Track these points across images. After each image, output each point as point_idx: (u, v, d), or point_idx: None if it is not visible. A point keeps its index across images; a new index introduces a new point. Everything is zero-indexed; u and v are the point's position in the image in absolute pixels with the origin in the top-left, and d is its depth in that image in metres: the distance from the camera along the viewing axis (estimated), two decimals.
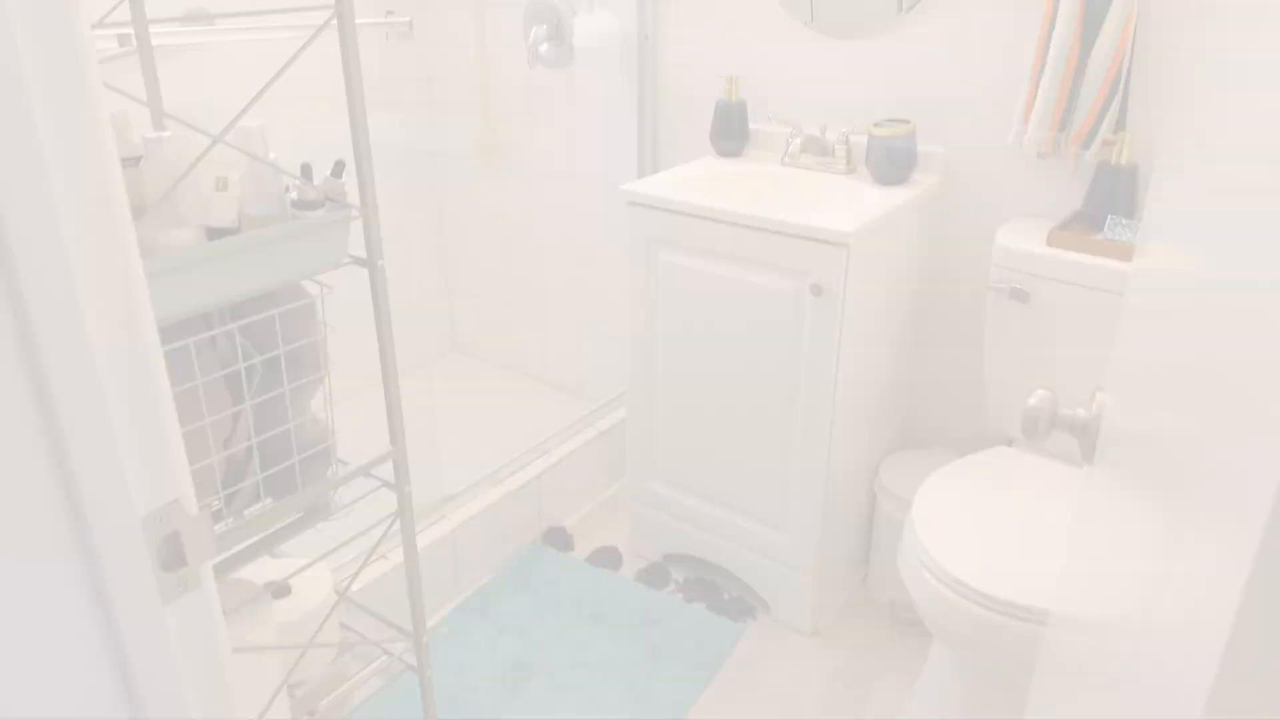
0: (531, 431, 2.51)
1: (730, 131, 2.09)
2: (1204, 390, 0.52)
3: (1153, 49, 1.63)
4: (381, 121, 2.59)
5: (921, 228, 1.89)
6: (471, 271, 2.90)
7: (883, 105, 1.93)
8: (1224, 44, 0.67)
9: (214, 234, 0.98)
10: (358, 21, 1.55)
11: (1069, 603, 0.92)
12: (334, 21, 1.01)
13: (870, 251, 1.69)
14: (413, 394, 2.62)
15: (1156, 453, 0.62)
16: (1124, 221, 1.65)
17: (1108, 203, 1.68)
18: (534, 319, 2.79)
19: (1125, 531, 0.70)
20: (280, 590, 1.28)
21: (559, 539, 2.18)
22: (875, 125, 1.86)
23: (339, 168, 1.06)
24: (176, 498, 0.69)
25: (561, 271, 2.65)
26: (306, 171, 1.03)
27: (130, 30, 1.20)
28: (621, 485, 2.41)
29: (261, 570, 1.28)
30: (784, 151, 2.03)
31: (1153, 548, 0.58)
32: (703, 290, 1.81)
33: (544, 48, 2.41)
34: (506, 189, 2.69)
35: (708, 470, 1.96)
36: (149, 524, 0.67)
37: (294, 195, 1.04)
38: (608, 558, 2.13)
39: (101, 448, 0.62)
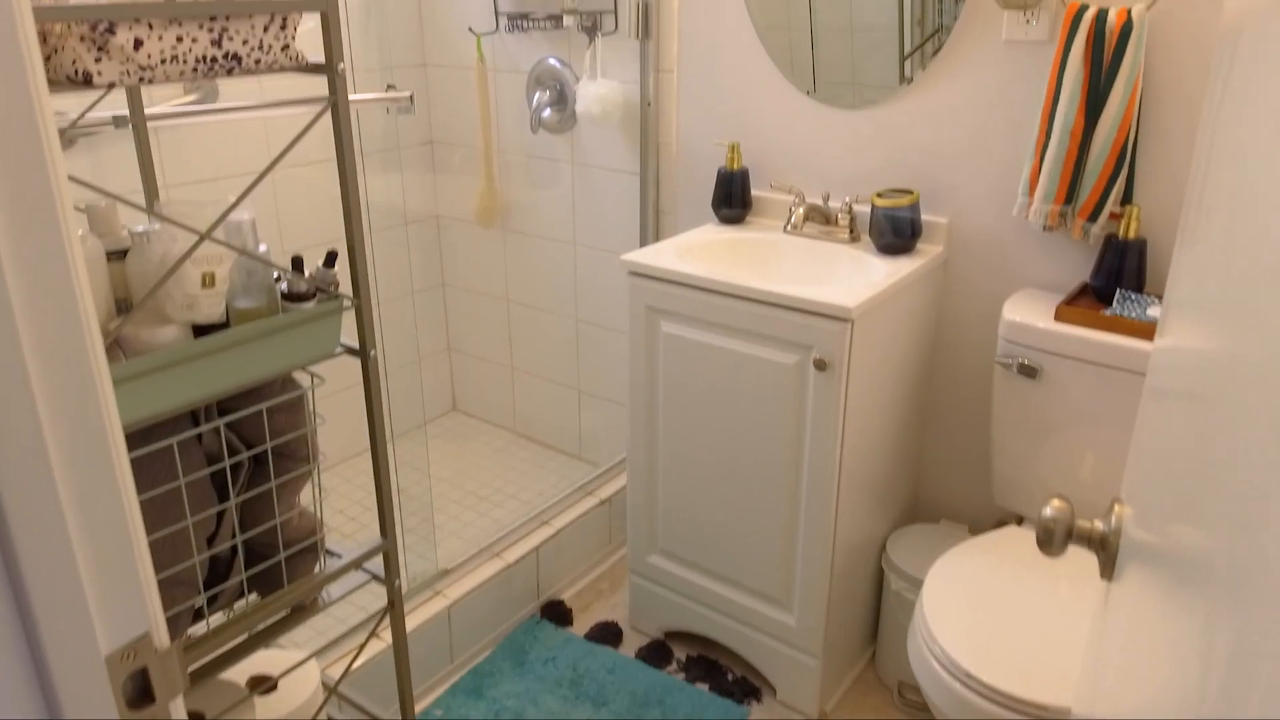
0: (531, 498, 2.47)
1: (732, 199, 2.07)
2: (1252, 488, 0.48)
3: (1158, 123, 1.61)
4: (383, 184, 2.60)
5: (927, 299, 1.86)
6: (473, 331, 2.88)
7: (886, 174, 1.92)
8: (1250, 107, 0.64)
9: (201, 329, 0.95)
10: (358, 98, 1.54)
11: (1096, 703, 0.87)
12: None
13: (874, 325, 1.67)
14: (411, 458, 2.59)
15: (1192, 560, 0.57)
16: (1133, 296, 1.62)
17: (1116, 277, 1.65)
18: (534, 380, 2.76)
19: (1161, 639, 0.65)
20: (266, 686, 1.24)
21: (557, 613, 2.12)
22: (878, 195, 1.84)
23: (331, 258, 1.04)
24: (145, 631, 0.66)
25: (562, 333, 2.63)
26: (298, 263, 1.01)
27: (126, 112, 1.19)
28: (623, 555, 2.36)
29: (247, 660, 1.23)
30: (787, 219, 2.02)
31: (1204, 657, 0.53)
32: (704, 362, 1.78)
33: (547, 113, 2.42)
34: (508, 251, 2.68)
35: (710, 544, 1.91)
36: (114, 662, 0.64)
37: (284, 286, 1.02)
38: (607, 633, 2.07)
39: (63, 583, 0.59)
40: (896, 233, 1.83)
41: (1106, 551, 0.81)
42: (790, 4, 1.95)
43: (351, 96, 1.83)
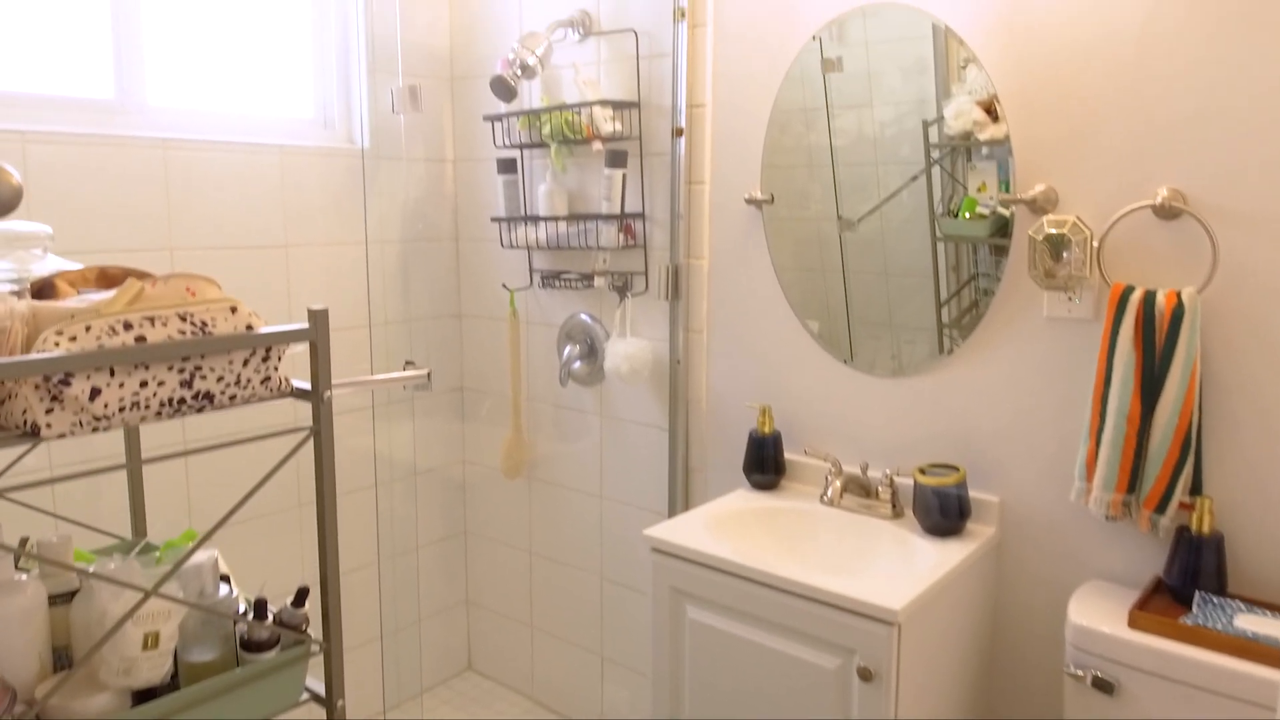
0: None
1: (765, 464, 1.97)
2: None
3: (1223, 409, 1.49)
4: (409, 429, 2.54)
5: (981, 588, 1.69)
6: (493, 584, 2.72)
7: (928, 446, 1.81)
8: None
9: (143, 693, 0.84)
10: (375, 378, 1.49)
11: None
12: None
13: (924, 625, 1.49)
14: None
15: None
16: (1214, 600, 1.44)
17: (1192, 577, 1.48)
18: (555, 642, 2.57)
19: None
20: None
21: None
22: (922, 471, 1.72)
23: (301, 595, 0.93)
24: None
25: (586, 592, 2.46)
26: (260, 607, 0.90)
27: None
28: None
29: None
30: (824, 488, 1.89)
31: None
32: (734, 656, 1.61)
33: (577, 365, 2.38)
34: (533, 501, 2.57)
35: None
36: None
37: (244, 630, 0.90)
38: None
39: None
40: (944, 513, 1.69)
41: None
42: (823, 249, 1.91)
43: (369, 377, 1.80)
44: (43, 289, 0.91)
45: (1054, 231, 1.54)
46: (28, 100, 1.83)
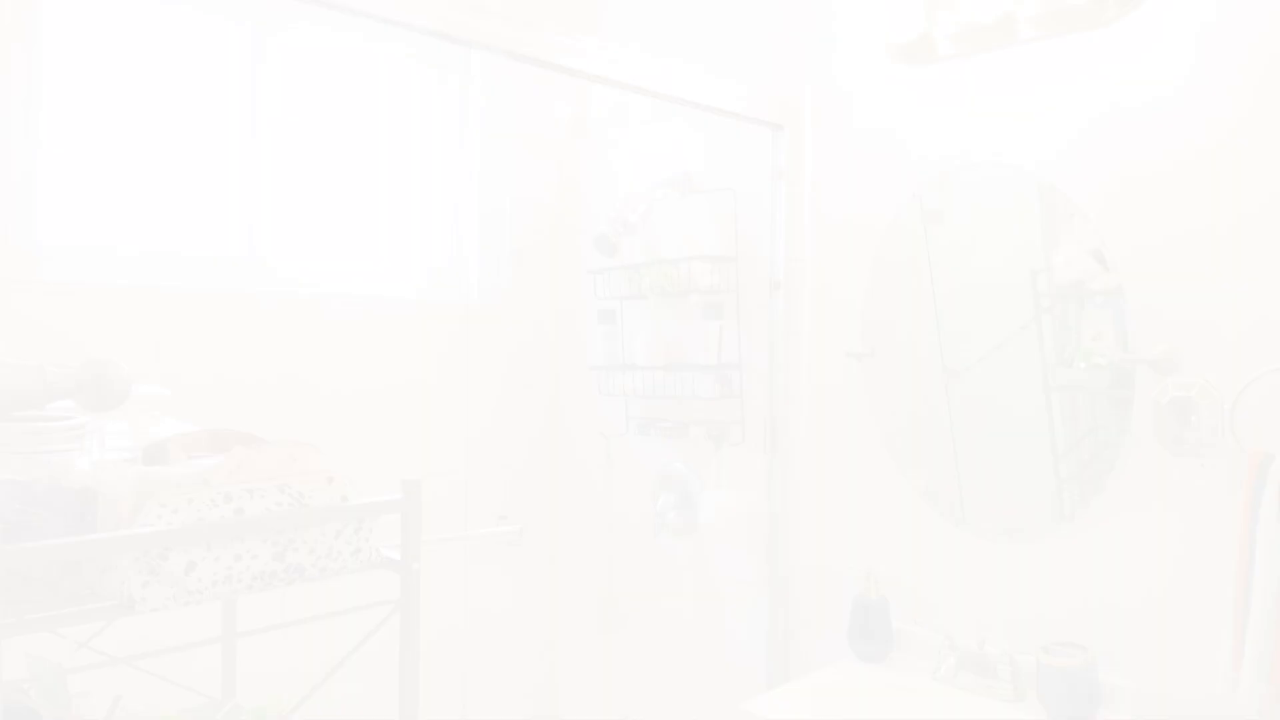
0: None
1: (872, 634, 1.85)
2: None
3: None
4: (497, 579, 2.50)
5: None
6: None
7: (1051, 620, 1.67)
8: None
9: None
10: (466, 534, 1.47)
11: None
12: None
13: None
14: None
15: None
16: None
17: None
18: None
19: None
20: None
21: None
22: (1046, 652, 1.58)
23: None
24: None
25: None
26: None
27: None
28: None
29: None
30: (937, 664, 1.76)
31: None
32: None
33: (671, 515, 2.33)
34: (627, 660, 2.47)
35: None
36: None
37: None
38: None
39: None
40: (1073, 698, 1.54)
41: None
42: (928, 399, 1.83)
43: (459, 534, 1.80)
44: (155, 453, 0.94)
45: (1180, 394, 1.45)
46: (164, 257, 1.97)
